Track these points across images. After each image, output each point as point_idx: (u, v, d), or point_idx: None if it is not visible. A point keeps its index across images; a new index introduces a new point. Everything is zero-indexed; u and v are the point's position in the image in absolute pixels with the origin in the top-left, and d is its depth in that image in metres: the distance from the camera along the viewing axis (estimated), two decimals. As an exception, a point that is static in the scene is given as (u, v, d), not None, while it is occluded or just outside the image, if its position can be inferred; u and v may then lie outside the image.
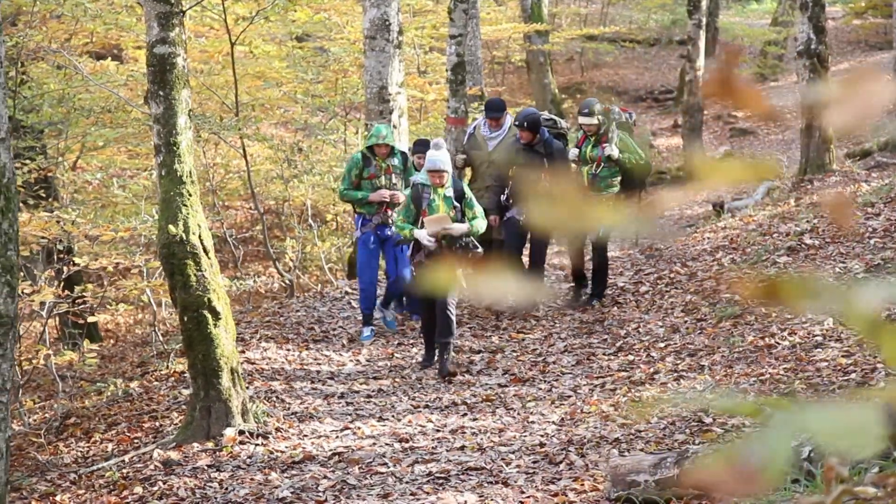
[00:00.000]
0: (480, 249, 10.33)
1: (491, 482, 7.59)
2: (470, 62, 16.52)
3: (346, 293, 13.48)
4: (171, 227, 8.72)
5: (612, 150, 11.83)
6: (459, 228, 10.25)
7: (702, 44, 23.82)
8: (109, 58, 15.13)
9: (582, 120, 11.94)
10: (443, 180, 10.31)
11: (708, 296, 11.33)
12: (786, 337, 9.62)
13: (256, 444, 8.63)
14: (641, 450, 7.74)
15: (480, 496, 7.30)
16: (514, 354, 10.97)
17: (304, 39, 20.20)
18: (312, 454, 8.43)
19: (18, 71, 10.80)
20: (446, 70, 16.29)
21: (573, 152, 11.96)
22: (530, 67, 26.75)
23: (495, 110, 12.52)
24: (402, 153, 11.74)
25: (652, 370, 9.73)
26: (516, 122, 11.86)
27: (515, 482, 7.52)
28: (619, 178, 12.09)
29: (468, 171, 12.88)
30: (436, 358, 10.54)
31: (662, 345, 10.39)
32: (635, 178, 12.42)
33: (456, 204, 10.33)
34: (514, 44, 28.01)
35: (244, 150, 14.00)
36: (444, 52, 20.99)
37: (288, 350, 11.37)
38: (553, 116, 12.58)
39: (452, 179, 10.45)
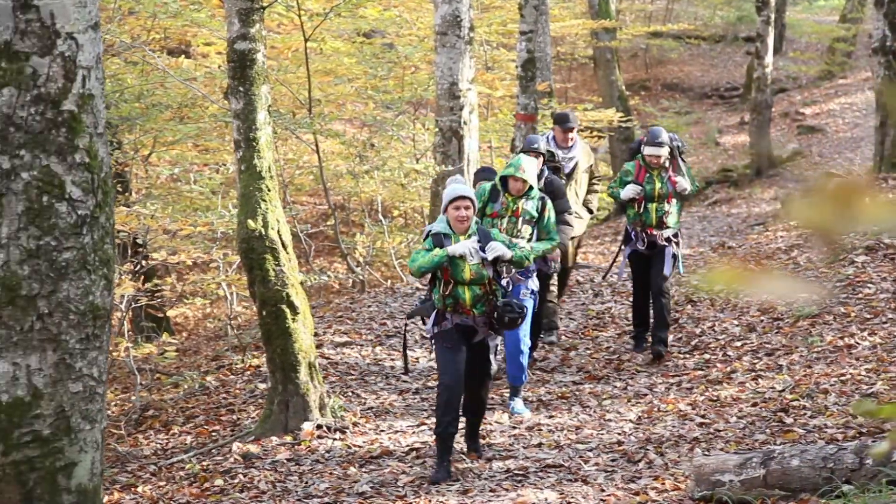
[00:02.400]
0: (526, 307, 8.40)
1: (570, 480, 7.58)
2: (539, 58, 16.43)
3: (417, 289, 13.50)
4: (250, 221, 8.78)
5: (685, 185, 10.38)
6: (499, 249, 8.02)
7: (770, 40, 23.61)
8: (183, 55, 15.25)
9: (651, 151, 10.31)
10: (468, 223, 8.05)
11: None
12: (866, 337, 9.51)
13: (334, 439, 8.67)
14: (721, 449, 7.69)
15: (560, 493, 7.29)
16: (588, 352, 10.93)
17: (372, 35, 20.25)
18: (390, 449, 8.45)
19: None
20: (516, 66, 16.28)
21: (633, 189, 10.30)
22: (597, 64, 26.61)
23: (568, 121, 11.28)
24: (542, 198, 9.34)
25: (729, 369, 9.66)
26: (522, 148, 10.28)
27: (595, 480, 7.50)
28: (678, 211, 10.56)
29: None
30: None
31: (739, 343, 10.30)
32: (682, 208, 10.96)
33: (485, 256, 7.96)
34: (580, 40, 27.88)
35: (317, 145, 14.05)
36: (511, 49, 20.99)
37: (361, 345, 11.40)
38: (550, 148, 10.58)
39: (478, 228, 8.15)
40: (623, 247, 10.72)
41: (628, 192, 10.32)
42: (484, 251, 7.99)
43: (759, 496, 6.56)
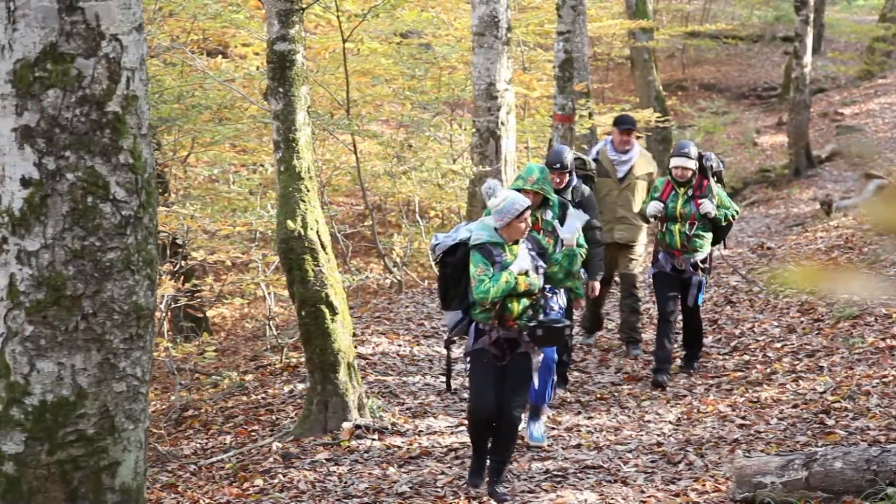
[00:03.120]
0: (566, 324, 7.65)
1: (609, 481, 7.56)
2: (577, 59, 16.41)
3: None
4: (289, 222, 8.80)
5: (710, 208, 9.61)
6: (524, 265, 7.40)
7: (809, 40, 23.48)
8: (220, 56, 15.32)
9: (677, 162, 9.63)
10: (522, 231, 7.41)
11: (824, 296, 11.14)
12: (908, 338, 9.44)
13: (373, 439, 8.68)
14: (762, 451, 7.64)
15: (600, 495, 7.27)
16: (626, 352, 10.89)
17: (409, 36, 20.27)
18: (429, 450, 8.45)
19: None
20: (553, 67, 16.25)
21: (655, 206, 9.70)
22: (634, 64, 26.54)
23: (629, 123, 10.83)
24: (562, 203, 8.78)
25: (769, 370, 9.60)
26: (546, 162, 9.49)
27: (635, 481, 7.48)
28: (710, 236, 9.84)
29: None
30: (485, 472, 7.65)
31: (779, 345, 10.25)
32: (721, 233, 10.00)
33: (541, 265, 7.45)
34: (617, 40, 27.82)
35: (354, 146, 14.07)
36: (547, 49, 20.97)
37: (399, 345, 11.40)
38: (581, 155, 10.04)
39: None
40: (650, 267, 10.25)
41: (650, 209, 9.74)
42: (539, 259, 7.46)
43: (801, 498, 6.52)
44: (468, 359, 7.50)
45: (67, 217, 4.35)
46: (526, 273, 7.31)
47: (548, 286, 7.87)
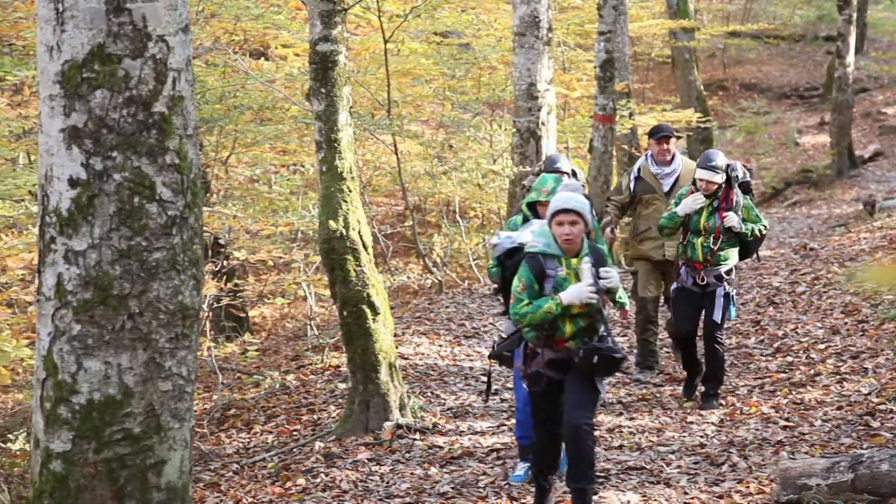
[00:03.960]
0: (623, 356, 6.74)
1: (652, 482, 7.52)
2: (617, 59, 16.38)
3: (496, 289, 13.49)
4: (331, 222, 8.82)
5: (734, 221, 8.93)
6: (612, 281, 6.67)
7: (852, 40, 23.30)
8: (263, 57, 15.38)
9: (703, 175, 8.93)
10: (577, 242, 6.60)
11: (869, 297, 11.05)
12: (954, 340, 9.35)
13: (415, 439, 8.68)
14: (806, 453, 7.59)
15: (643, 496, 7.23)
16: (668, 353, 10.84)
17: (448, 36, 20.29)
18: (470, 450, 8.44)
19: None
20: (594, 67, 16.20)
21: (691, 201, 9.04)
22: (675, 64, 26.44)
23: (665, 131, 10.12)
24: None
25: (812, 372, 9.53)
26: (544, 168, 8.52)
27: (677, 483, 7.43)
28: (736, 250, 9.14)
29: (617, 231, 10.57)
30: None
31: (822, 346, 10.17)
32: (751, 247, 9.28)
33: (602, 281, 6.60)
34: (657, 40, 27.73)
35: (395, 146, 14.09)
36: (587, 49, 20.92)
37: (440, 346, 11.41)
38: (574, 167, 8.67)
39: (591, 246, 6.72)
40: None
41: (683, 207, 8.99)
42: (599, 278, 6.58)
43: (847, 501, 6.47)
44: (524, 383, 6.80)
45: (114, 217, 4.37)
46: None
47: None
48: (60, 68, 4.31)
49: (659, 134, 10.13)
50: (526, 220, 7.53)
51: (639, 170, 10.25)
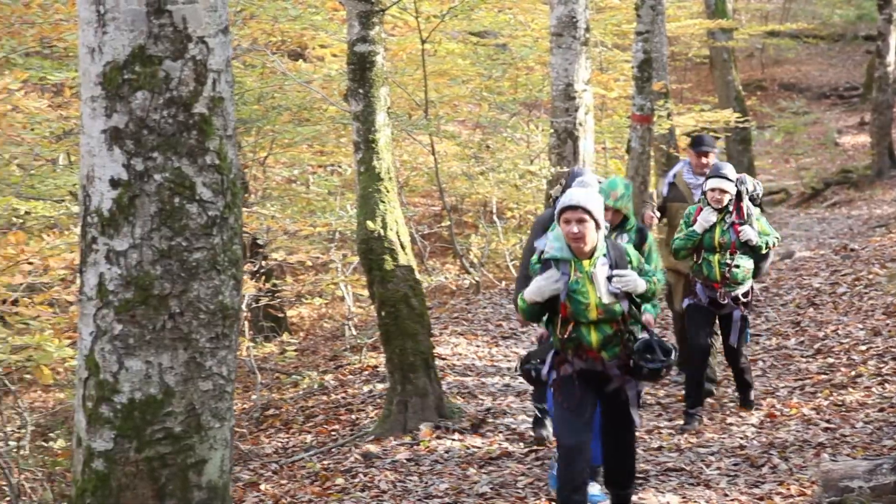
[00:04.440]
0: (665, 364, 6.34)
1: (692, 484, 7.48)
2: (655, 59, 16.29)
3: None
4: (369, 222, 8.84)
5: (751, 234, 8.57)
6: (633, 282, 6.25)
7: (892, 39, 23.11)
8: (301, 58, 15.42)
9: (714, 183, 8.57)
10: (585, 243, 6.20)
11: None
12: None
13: (453, 439, 8.68)
14: (848, 455, 7.54)
15: (682, 497, 7.20)
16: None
17: (485, 36, 20.28)
18: (509, 451, 8.43)
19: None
20: (632, 67, 16.13)
21: (706, 216, 8.63)
22: (713, 64, 26.31)
23: (705, 145, 9.66)
24: (640, 229, 7.56)
25: (854, 373, 9.46)
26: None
27: (717, 484, 7.40)
28: (752, 266, 8.76)
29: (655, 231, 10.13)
30: None
31: (864, 347, 10.09)
32: (762, 266, 8.94)
33: (619, 286, 6.19)
34: (695, 40, 27.61)
35: (433, 147, 14.10)
36: (625, 49, 20.84)
37: (478, 346, 11.40)
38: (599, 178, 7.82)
39: (610, 247, 6.33)
40: (685, 298, 9.04)
41: (700, 223, 8.59)
42: (612, 280, 6.19)
43: (890, 503, 6.41)
44: (552, 390, 6.48)
45: (155, 217, 4.38)
46: (579, 290, 6.16)
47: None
48: (102, 70, 4.33)
49: (699, 147, 9.68)
50: None
51: (674, 175, 9.94)
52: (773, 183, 25.72)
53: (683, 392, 9.04)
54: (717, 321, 8.93)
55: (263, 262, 11.64)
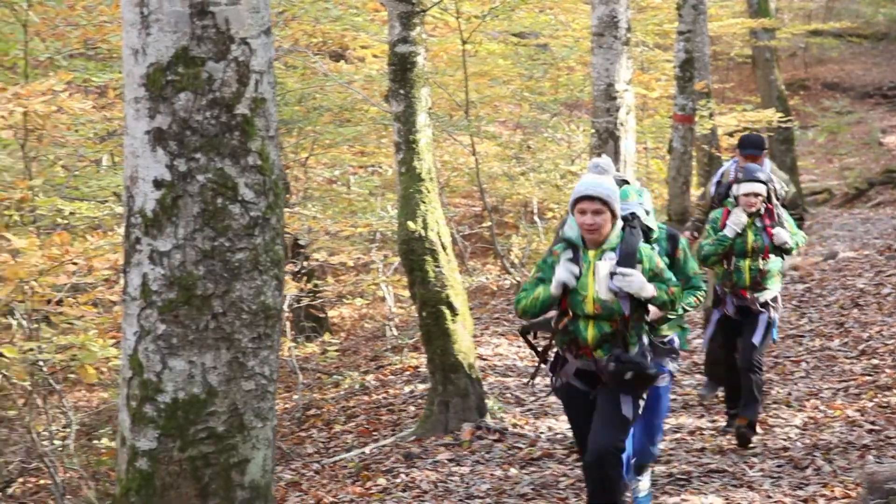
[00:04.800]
0: (655, 372, 6.01)
1: (734, 485, 7.44)
2: (697, 58, 16.23)
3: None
4: (410, 223, 8.84)
5: (785, 237, 8.19)
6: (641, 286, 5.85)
7: (938, 37, 22.88)
8: (342, 59, 15.46)
9: (748, 188, 8.18)
10: (599, 233, 5.90)
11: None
12: None
13: (494, 440, 8.68)
14: (893, 457, 7.48)
15: (725, 499, 7.17)
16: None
17: (526, 36, 20.26)
18: (550, 451, 8.42)
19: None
20: (674, 66, 16.09)
21: (736, 218, 8.25)
22: (755, 63, 26.12)
23: (754, 146, 9.09)
24: (671, 235, 6.96)
25: (899, 375, 9.39)
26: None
27: (760, 486, 7.35)
28: (780, 272, 8.41)
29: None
30: None
31: (909, 348, 10.01)
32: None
33: (619, 284, 5.81)
34: (737, 40, 27.44)
35: (473, 147, 14.09)
36: (667, 49, 20.75)
37: (519, 347, 11.39)
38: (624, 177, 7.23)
39: (623, 241, 5.93)
40: (713, 309, 8.60)
41: (731, 227, 8.21)
42: (614, 276, 5.79)
43: (934, 506, 6.36)
44: (555, 396, 6.35)
45: (198, 218, 4.40)
46: (574, 290, 5.81)
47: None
48: (145, 71, 4.35)
49: (747, 150, 9.09)
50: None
51: (721, 175, 9.48)
52: (817, 183, 25.54)
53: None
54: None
55: (305, 263, 11.67)
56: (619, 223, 5.97)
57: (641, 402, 6.07)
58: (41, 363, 7.27)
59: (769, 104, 22.71)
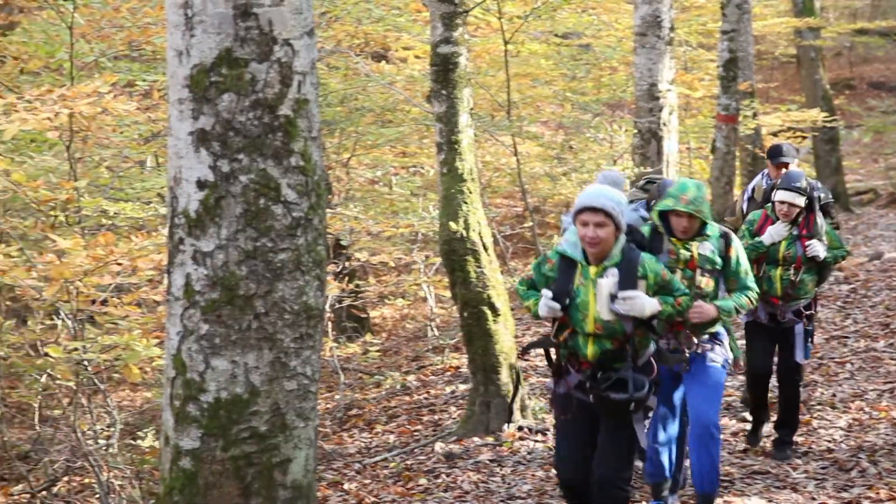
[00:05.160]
0: (641, 396, 5.66)
1: (778, 487, 7.39)
2: (741, 58, 16.14)
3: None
4: (451, 223, 8.85)
5: (819, 250, 7.78)
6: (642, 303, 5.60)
7: None
8: (384, 60, 15.49)
9: (785, 196, 7.75)
10: (601, 248, 5.62)
11: None
12: None
13: (536, 440, 8.67)
14: (938, 460, 7.40)
15: (769, 501, 7.12)
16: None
17: (568, 37, 20.23)
18: (592, 452, 8.38)
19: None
20: (717, 66, 16.01)
21: (777, 230, 7.84)
22: (800, 63, 25.93)
23: (784, 155, 8.67)
24: (724, 234, 6.62)
25: (945, 376, 9.30)
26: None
27: (804, 488, 7.30)
28: (815, 280, 8.01)
29: None
30: None
31: (955, 350, 9.91)
32: (825, 273, 8.18)
33: (619, 304, 5.57)
34: (782, 39, 27.27)
35: (515, 148, 14.08)
36: (710, 49, 20.65)
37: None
38: (654, 176, 7.81)
39: (625, 257, 5.66)
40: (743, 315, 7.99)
41: (771, 236, 7.85)
42: (616, 299, 5.55)
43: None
44: (551, 407, 6.17)
45: (241, 218, 4.42)
46: (564, 316, 5.61)
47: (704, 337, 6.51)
48: (189, 72, 4.38)
49: (778, 158, 8.70)
50: (656, 231, 6.43)
51: (752, 190, 9.07)
52: (862, 183, 25.33)
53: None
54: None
55: (346, 263, 11.71)
56: (623, 237, 5.70)
57: (650, 415, 5.91)
58: (86, 363, 7.33)
59: (814, 104, 22.55)
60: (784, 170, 8.48)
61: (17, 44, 10.20)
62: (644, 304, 5.58)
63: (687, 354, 6.52)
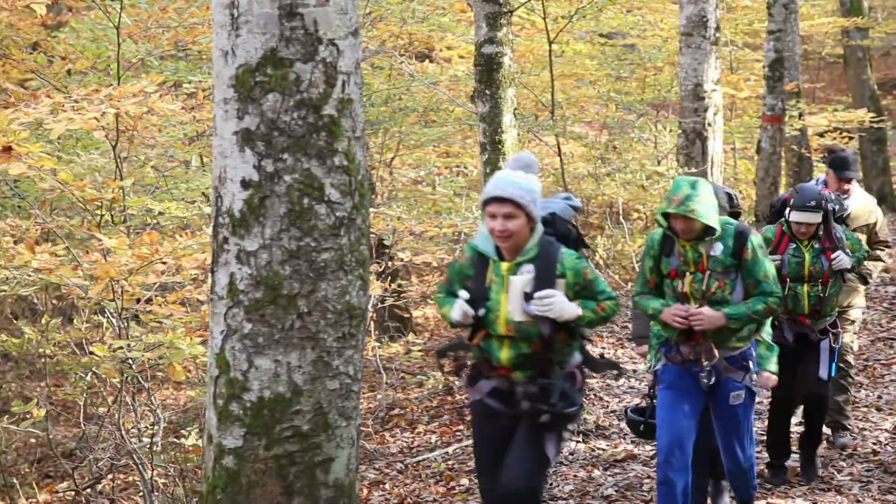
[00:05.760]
0: (577, 409, 5.24)
1: (822, 489, 7.34)
2: (787, 58, 16.05)
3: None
4: (495, 224, 8.83)
5: (846, 262, 7.35)
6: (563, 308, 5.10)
7: None
8: (428, 60, 15.52)
9: (798, 217, 7.24)
10: (511, 241, 5.18)
11: None
12: None
13: (577, 441, 8.65)
14: None
15: (812, 503, 7.06)
16: (839, 359, 10.56)
17: (613, 37, 20.18)
18: (634, 453, 8.37)
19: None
20: (763, 66, 15.94)
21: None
22: (847, 63, 25.72)
23: (850, 169, 8.07)
24: (739, 232, 6.01)
25: None
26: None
27: (849, 490, 7.25)
28: (838, 295, 7.60)
29: None
30: None
31: None
32: (863, 275, 8.06)
33: (538, 306, 5.11)
34: (829, 39, 27.05)
35: (559, 148, 14.07)
36: (756, 49, 20.54)
37: (603, 348, 11.33)
38: (730, 192, 7.06)
39: (542, 250, 5.19)
40: None
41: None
42: (531, 299, 5.09)
43: None
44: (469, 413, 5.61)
45: (284, 218, 4.44)
46: (479, 318, 5.18)
47: (731, 356, 5.98)
48: (234, 72, 4.40)
49: (844, 173, 8.07)
50: (665, 236, 6.04)
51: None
52: (909, 184, 25.07)
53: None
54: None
55: (389, 263, 11.73)
56: (540, 229, 5.21)
57: (567, 436, 5.34)
58: (130, 361, 7.39)
59: (861, 104, 22.36)
60: (846, 185, 8.06)
61: (64, 43, 10.30)
62: (562, 306, 5.09)
63: (707, 367, 5.97)
